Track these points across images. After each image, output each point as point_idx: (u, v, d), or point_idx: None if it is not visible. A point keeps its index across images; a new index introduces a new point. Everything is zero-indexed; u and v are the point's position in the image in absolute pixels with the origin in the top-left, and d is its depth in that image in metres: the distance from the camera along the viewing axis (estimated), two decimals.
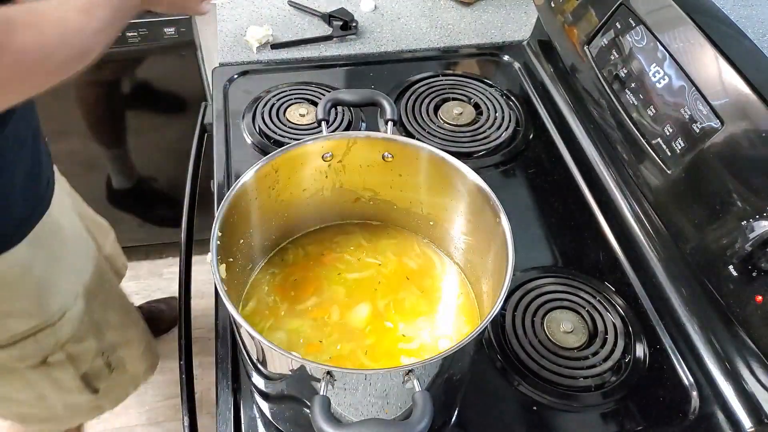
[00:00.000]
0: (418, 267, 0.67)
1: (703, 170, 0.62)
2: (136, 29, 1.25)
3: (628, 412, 0.62)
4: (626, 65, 0.74)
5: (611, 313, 0.69)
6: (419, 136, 0.89)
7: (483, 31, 1.11)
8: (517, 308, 0.69)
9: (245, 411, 0.61)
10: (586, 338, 0.67)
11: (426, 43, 1.08)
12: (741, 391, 0.63)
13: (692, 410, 0.63)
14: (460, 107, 0.94)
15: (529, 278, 0.72)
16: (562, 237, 0.79)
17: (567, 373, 0.64)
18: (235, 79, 0.98)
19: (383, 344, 0.60)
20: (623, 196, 0.81)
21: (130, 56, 1.31)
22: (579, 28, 0.85)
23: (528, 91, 1.00)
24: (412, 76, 1.00)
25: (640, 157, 0.72)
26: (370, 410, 0.50)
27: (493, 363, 0.65)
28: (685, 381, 0.65)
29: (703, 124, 0.62)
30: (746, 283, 0.57)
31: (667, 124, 0.67)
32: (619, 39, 0.76)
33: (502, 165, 0.88)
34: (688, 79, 0.65)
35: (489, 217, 0.56)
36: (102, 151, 1.46)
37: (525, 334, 0.67)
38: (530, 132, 0.93)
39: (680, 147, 0.65)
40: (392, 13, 1.14)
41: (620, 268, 0.75)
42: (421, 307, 0.64)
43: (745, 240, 0.56)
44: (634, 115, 0.73)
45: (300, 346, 0.60)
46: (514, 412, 0.62)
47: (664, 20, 0.70)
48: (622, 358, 0.66)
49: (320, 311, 0.62)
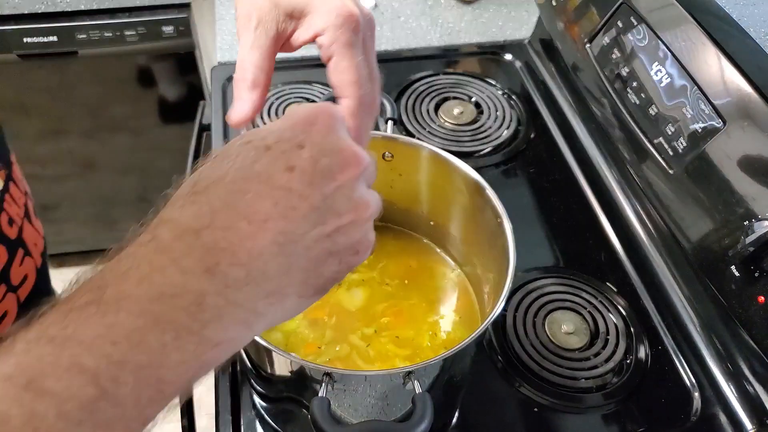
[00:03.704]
0: (419, 267, 0.67)
1: (705, 170, 0.62)
2: (134, 28, 1.25)
3: (629, 414, 0.62)
4: (628, 64, 0.74)
5: (613, 313, 0.69)
6: (420, 135, 0.89)
7: (484, 29, 1.11)
8: (518, 309, 0.68)
9: (244, 412, 0.61)
10: (588, 339, 0.66)
11: (426, 41, 1.08)
12: (743, 392, 0.62)
13: (694, 411, 0.62)
14: (460, 106, 0.93)
15: (530, 278, 0.71)
16: (564, 237, 0.78)
17: (568, 374, 0.64)
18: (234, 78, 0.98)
19: (383, 345, 0.60)
20: (625, 195, 0.80)
21: (129, 55, 1.30)
22: (580, 27, 0.85)
23: (529, 90, 1.00)
24: (413, 74, 0.99)
25: (641, 157, 0.72)
26: (370, 412, 0.49)
27: (494, 364, 0.65)
28: (686, 382, 0.65)
29: (705, 123, 0.62)
30: (749, 283, 0.57)
31: (669, 124, 0.67)
32: (620, 38, 0.76)
33: (503, 164, 0.87)
34: (690, 78, 0.65)
35: (490, 216, 0.56)
36: (100, 150, 1.46)
37: (526, 335, 0.66)
38: (531, 131, 0.92)
39: (682, 146, 0.65)
40: (392, 12, 1.14)
41: (622, 268, 0.75)
42: (422, 307, 0.63)
43: (748, 240, 0.56)
44: (636, 115, 0.72)
45: (299, 348, 0.59)
46: (515, 413, 0.62)
47: (665, 19, 0.70)
48: (624, 359, 0.65)
49: (319, 312, 0.62)
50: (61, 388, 0.25)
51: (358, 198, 0.33)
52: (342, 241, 0.33)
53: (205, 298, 0.28)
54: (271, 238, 0.30)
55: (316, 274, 0.33)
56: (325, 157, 0.32)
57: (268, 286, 0.30)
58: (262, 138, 0.33)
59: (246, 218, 0.30)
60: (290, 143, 0.32)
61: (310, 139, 0.32)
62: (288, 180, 0.31)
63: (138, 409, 0.27)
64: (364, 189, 0.34)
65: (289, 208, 0.31)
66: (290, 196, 0.31)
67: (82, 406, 0.25)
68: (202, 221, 0.30)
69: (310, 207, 0.31)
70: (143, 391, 0.27)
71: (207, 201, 0.30)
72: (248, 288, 0.30)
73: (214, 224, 0.30)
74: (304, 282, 0.32)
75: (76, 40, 1.24)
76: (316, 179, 0.31)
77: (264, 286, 0.30)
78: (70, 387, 0.25)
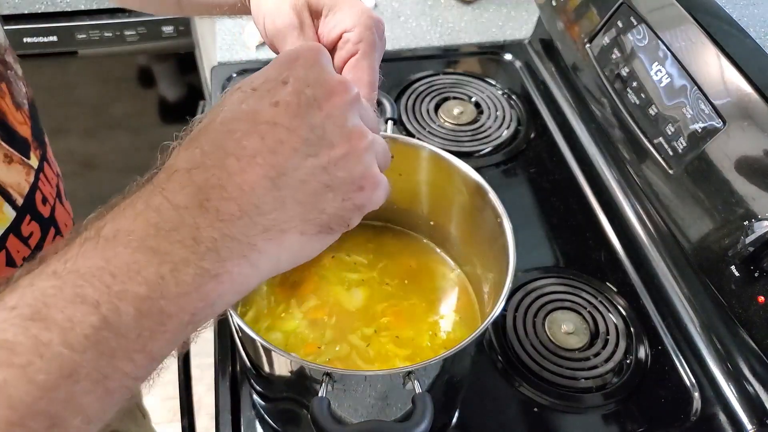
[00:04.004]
0: (419, 267, 0.67)
1: (705, 170, 0.62)
2: (134, 28, 1.25)
3: (629, 414, 0.62)
4: (628, 64, 0.74)
5: (613, 313, 0.69)
6: (419, 135, 0.89)
7: (484, 29, 1.11)
8: (518, 309, 0.68)
9: (244, 412, 0.61)
10: (588, 339, 0.66)
11: (426, 41, 1.08)
12: (743, 392, 0.62)
13: (694, 411, 0.62)
14: (460, 106, 0.93)
15: (530, 279, 0.71)
16: (564, 237, 0.78)
17: (568, 374, 0.64)
18: (233, 77, 0.98)
19: (383, 345, 0.60)
20: (625, 195, 0.80)
21: (129, 55, 1.30)
22: (580, 27, 0.85)
23: (529, 90, 1.00)
24: (413, 74, 0.99)
25: (641, 157, 0.72)
26: (370, 412, 0.49)
27: (494, 364, 0.65)
28: (686, 382, 0.65)
29: (705, 123, 0.62)
30: (748, 283, 0.57)
31: (668, 124, 0.67)
32: (620, 38, 0.76)
33: (503, 164, 0.87)
34: (689, 78, 0.65)
35: (490, 216, 0.56)
36: (100, 150, 1.46)
37: (526, 335, 0.66)
38: (531, 131, 0.92)
39: (682, 147, 0.65)
40: (392, 12, 1.14)
41: (622, 268, 0.75)
42: (421, 307, 0.63)
43: (748, 240, 0.56)
44: (636, 115, 0.72)
45: (299, 347, 0.59)
46: (515, 413, 0.62)
47: (665, 19, 0.70)
48: (624, 359, 0.65)
49: (319, 312, 0.62)
50: (64, 318, 0.26)
51: (352, 127, 0.33)
52: (341, 175, 0.33)
53: (200, 232, 0.29)
54: (262, 172, 0.30)
55: (316, 210, 0.33)
56: (308, 88, 0.32)
57: (264, 220, 0.31)
58: (250, 82, 0.34)
59: (234, 155, 0.31)
60: (275, 81, 0.33)
61: (294, 73, 0.33)
62: (273, 115, 0.31)
63: (141, 342, 0.28)
64: (357, 119, 0.34)
65: (277, 142, 0.31)
66: (277, 129, 0.31)
67: (85, 335, 0.26)
68: (193, 162, 0.31)
69: (298, 139, 0.31)
70: (144, 322, 0.27)
71: (198, 145, 0.31)
72: (242, 222, 0.30)
73: (205, 164, 0.30)
74: (304, 218, 0.32)
75: (76, 40, 1.24)
76: (301, 111, 0.32)
77: (259, 221, 0.31)
78: (73, 317, 0.26)
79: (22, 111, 0.51)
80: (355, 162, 0.33)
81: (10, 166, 0.47)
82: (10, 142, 0.48)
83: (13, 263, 0.48)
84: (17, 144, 0.49)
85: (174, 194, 0.30)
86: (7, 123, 0.48)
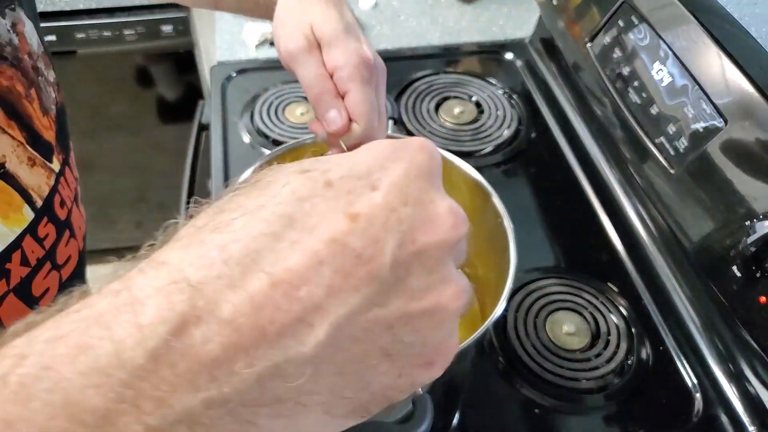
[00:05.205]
0: None
1: (706, 169, 0.62)
2: (133, 27, 1.25)
3: (630, 415, 0.62)
4: (629, 63, 0.74)
5: (614, 314, 0.68)
6: (420, 134, 0.89)
7: (484, 28, 1.10)
8: (519, 309, 0.68)
9: None
10: (589, 340, 0.66)
11: (426, 40, 1.07)
12: (744, 393, 0.62)
13: (695, 412, 0.62)
14: (461, 106, 0.93)
15: (531, 279, 0.71)
16: (565, 237, 0.78)
17: (569, 375, 0.63)
18: (233, 77, 0.98)
19: None
20: (626, 195, 0.80)
21: (128, 54, 1.30)
22: (581, 26, 0.84)
23: (530, 89, 0.99)
24: (413, 74, 0.99)
25: (643, 157, 0.71)
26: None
27: (495, 365, 0.65)
28: (688, 383, 0.64)
29: (707, 123, 0.62)
30: (750, 284, 0.56)
31: (670, 123, 0.67)
32: (621, 37, 0.75)
33: (504, 164, 0.87)
34: (691, 77, 0.64)
35: (491, 216, 0.56)
36: (99, 150, 1.46)
37: (527, 336, 0.66)
38: (532, 131, 0.92)
39: (684, 146, 0.64)
40: (392, 11, 1.14)
41: (623, 268, 0.74)
42: None
43: (750, 240, 0.56)
44: (637, 114, 0.72)
45: None
46: (516, 414, 0.62)
47: (666, 18, 0.69)
48: (625, 360, 0.65)
49: None
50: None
51: (444, 277, 0.23)
52: (410, 339, 0.22)
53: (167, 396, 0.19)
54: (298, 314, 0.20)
55: (359, 384, 0.22)
56: (405, 207, 0.22)
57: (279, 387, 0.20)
58: (325, 170, 0.23)
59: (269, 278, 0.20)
60: (361, 182, 0.22)
61: (390, 179, 0.23)
62: (346, 232, 0.21)
63: None
64: (453, 267, 0.24)
65: (336, 273, 0.20)
66: (343, 254, 0.21)
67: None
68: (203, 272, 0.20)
69: (369, 276, 0.21)
70: None
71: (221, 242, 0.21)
72: None
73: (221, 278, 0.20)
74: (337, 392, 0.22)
75: (75, 39, 1.24)
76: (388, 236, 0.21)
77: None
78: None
79: (49, 116, 0.52)
80: (434, 326, 0.23)
81: (32, 169, 0.48)
82: (34, 146, 0.48)
83: (28, 263, 0.48)
84: (41, 148, 0.49)
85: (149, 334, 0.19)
86: (33, 127, 0.48)
